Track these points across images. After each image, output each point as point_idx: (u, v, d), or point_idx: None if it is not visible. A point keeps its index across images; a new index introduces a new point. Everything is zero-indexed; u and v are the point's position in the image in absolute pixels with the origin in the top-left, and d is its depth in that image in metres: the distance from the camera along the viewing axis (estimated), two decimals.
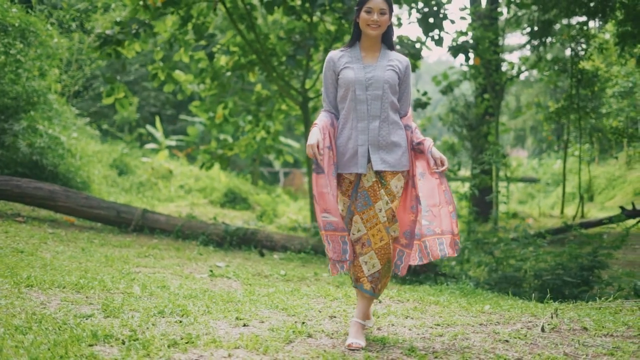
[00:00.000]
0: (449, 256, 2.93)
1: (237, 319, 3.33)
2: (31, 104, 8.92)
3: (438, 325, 3.51)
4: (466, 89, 16.52)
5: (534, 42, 12.78)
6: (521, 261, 6.55)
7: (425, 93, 11.09)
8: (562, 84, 17.58)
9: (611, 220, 9.64)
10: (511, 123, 25.16)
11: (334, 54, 3.14)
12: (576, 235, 8.96)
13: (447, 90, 14.84)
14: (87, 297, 3.59)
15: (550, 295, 4.73)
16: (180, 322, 3.12)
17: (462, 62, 17.59)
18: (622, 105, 16.20)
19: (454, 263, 7.45)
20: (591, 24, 13.64)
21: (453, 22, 9.14)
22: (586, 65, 14.42)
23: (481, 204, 12.64)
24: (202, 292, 4.06)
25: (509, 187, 11.49)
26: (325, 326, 3.34)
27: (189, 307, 3.46)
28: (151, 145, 19.61)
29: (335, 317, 3.62)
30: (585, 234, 8.06)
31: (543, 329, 3.33)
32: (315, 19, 9.77)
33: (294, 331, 3.11)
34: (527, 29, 13.03)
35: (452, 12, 16.28)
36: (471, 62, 13.41)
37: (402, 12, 23.73)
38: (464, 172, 16.61)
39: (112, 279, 4.26)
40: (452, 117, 15.04)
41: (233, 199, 14.91)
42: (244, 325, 3.22)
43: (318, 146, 2.89)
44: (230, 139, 17.26)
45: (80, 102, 17.89)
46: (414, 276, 6.49)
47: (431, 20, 8.74)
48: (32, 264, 4.55)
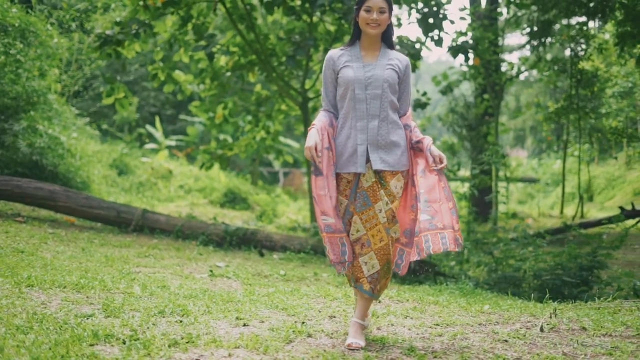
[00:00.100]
0: (451, 250, 2.90)
1: (237, 318, 3.34)
2: (31, 104, 8.92)
3: (437, 325, 3.52)
4: (466, 89, 16.52)
5: (534, 42, 12.78)
6: (520, 261, 6.57)
7: (424, 93, 11.09)
8: (561, 84, 17.59)
9: (610, 220, 9.64)
10: (511, 123, 25.15)
11: (334, 52, 3.13)
12: (575, 236, 8.97)
13: (447, 90, 14.84)
14: (87, 297, 3.60)
15: (549, 295, 4.74)
16: (181, 321, 3.13)
17: (462, 62, 17.58)
18: (621, 106, 16.22)
19: (453, 263, 7.46)
20: (591, 24, 13.67)
21: (453, 22, 9.15)
22: (586, 65, 14.42)
23: (481, 204, 12.67)
24: (202, 292, 4.07)
25: (508, 187, 11.51)
26: (325, 326, 3.35)
27: (189, 307, 3.47)
28: (151, 145, 19.61)
29: (335, 317, 3.63)
30: (585, 234, 8.08)
31: (542, 329, 3.34)
32: (315, 19, 9.77)
33: (293, 331, 3.12)
34: (526, 29, 13.03)
35: (451, 12, 16.26)
36: (471, 62, 13.45)
37: (402, 12, 23.73)
38: (464, 172, 16.59)
39: (113, 278, 4.27)
40: (452, 117, 15.04)
41: (233, 199, 14.92)
42: (244, 325, 3.23)
43: (316, 148, 2.88)
44: (230, 139, 17.25)
45: (80, 102, 17.89)
46: (414, 276, 6.50)
47: (431, 20, 8.75)
48: (33, 264, 4.56)
